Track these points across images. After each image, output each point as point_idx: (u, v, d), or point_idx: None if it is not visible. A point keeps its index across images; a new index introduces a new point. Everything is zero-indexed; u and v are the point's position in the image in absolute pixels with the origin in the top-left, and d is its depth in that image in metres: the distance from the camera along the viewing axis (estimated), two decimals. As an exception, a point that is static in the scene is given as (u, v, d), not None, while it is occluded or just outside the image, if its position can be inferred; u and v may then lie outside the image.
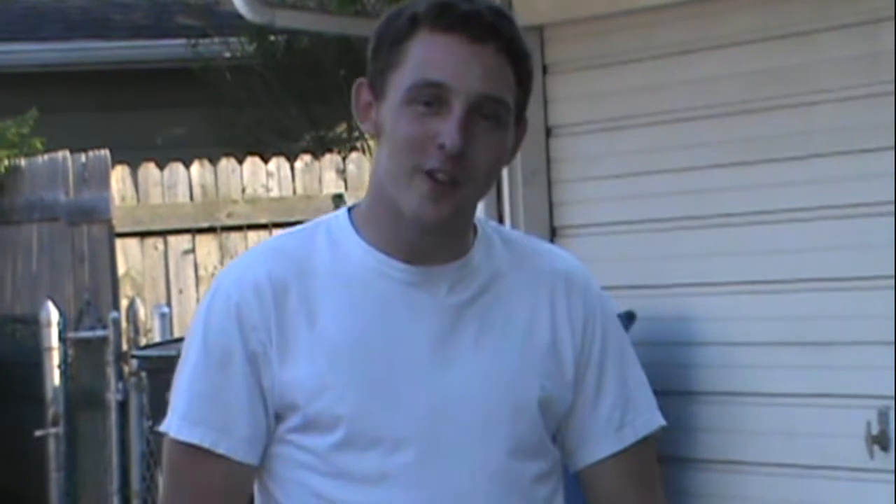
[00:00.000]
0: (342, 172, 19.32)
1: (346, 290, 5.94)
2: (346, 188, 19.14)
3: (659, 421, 6.08)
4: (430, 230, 5.84)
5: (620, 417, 6.05)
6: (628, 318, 14.80)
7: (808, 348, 14.87)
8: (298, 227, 6.18)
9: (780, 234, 15.09)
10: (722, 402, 15.51)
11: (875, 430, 13.77)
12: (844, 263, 14.44)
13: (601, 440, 6.01)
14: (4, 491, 19.37)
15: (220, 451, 5.80)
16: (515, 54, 5.86)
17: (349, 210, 6.02)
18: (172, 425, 5.80)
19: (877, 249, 14.08)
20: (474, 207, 6.03)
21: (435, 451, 5.93)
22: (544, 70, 16.82)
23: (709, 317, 15.66)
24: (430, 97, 5.74)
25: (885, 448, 13.77)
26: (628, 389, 6.08)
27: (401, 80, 5.75)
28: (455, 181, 5.78)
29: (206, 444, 5.79)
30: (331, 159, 19.68)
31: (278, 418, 5.86)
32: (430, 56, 5.82)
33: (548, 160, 17.05)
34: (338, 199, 18.82)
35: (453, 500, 6.01)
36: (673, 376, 15.30)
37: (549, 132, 17.07)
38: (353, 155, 20.34)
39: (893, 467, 13.93)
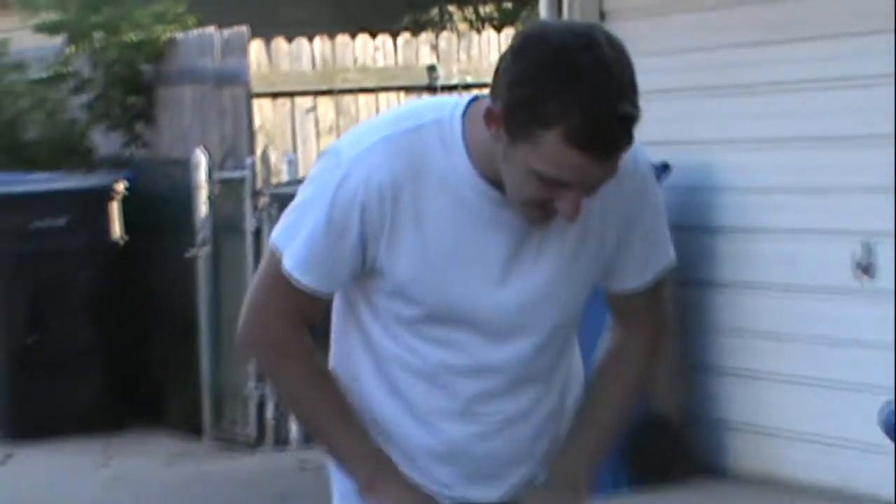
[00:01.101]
0: (434, 48, 19.26)
1: (449, 200, 5.90)
2: (437, 60, 19.07)
3: (671, 260, 6.20)
4: None
5: (645, 262, 6.11)
6: (663, 169, 14.92)
7: (808, 193, 14.83)
8: (418, 108, 6.21)
9: (791, 101, 15.04)
10: (735, 236, 15.52)
11: (859, 259, 13.78)
12: (842, 125, 14.44)
13: (629, 278, 6.10)
14: (162, 305, 19.33)
15: (318, 295, 5.95)
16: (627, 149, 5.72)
17: (465, 111, 5.89)
18: (291, 263, 5.92)
19: (867, 113, 14.07)
20: None
21: (496, 332, 5.97)
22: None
23: (728, 168, 15.67)
24: (553, 183, 5.63)
25: (867, 273, 13.82)
26: (654, 241, 6.13)
27: (532, 158, 5.61)
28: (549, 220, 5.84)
29: (311, 288, 5.91)
30: (425, 37, 19.62)
31: (372, 274, 5.94)
32: (565, 163, 5.59)
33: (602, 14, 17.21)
34: (431, 70, 18.92)
35: (514, 361, 5.99)
36: (697, 214, 15.37)
37: (602, 16, 17.07)
38: (444, 34, 20.25)
39: (874, 289, 14.03)
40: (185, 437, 18.59)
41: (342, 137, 6.24)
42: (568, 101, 5.48)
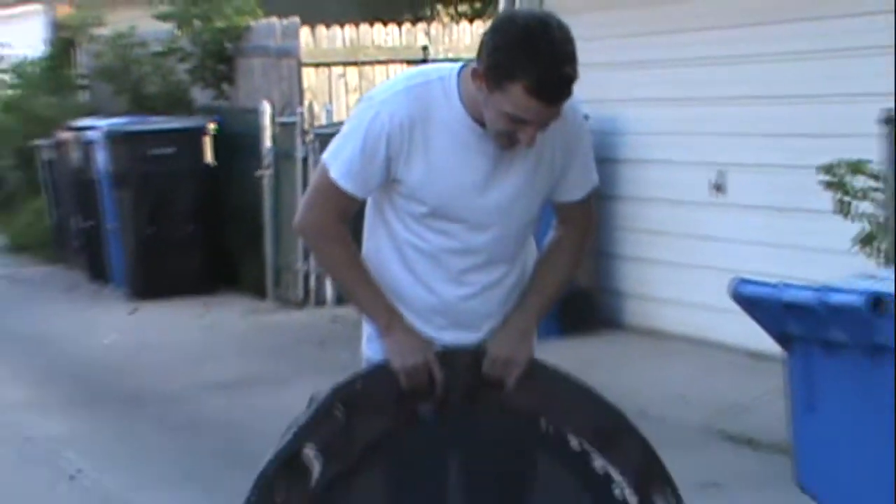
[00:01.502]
0: (427, 34, 19.21)
1: (448, 134, 5.88)
2: (429, 42, 19.04)
3: (596, 181, 6.15)
4: None
5: (581, 181, 6.08)
6: (585, 118, 14.72)
7: (683, 136, 14.78)
8: (426, 70, 6.16)
9: (673, 73, 14.95)
10: (633, 164, 15.45)
11: (715, 181, 13.78)
12: (707, 90, 14.43)
13: (570, 192, 6.05)
14: (239, 208, 19.32)
15: (355, 198, 5.93)
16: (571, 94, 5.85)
17: (459, 72, 5.94)
18: (337, 174, 5.92)
19: (728, 83, 13.99)
20: None
21: (479, 225, 5.93)
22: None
23: (629, 118, 15.56)
24: (518, 122, 5.68)
25: (720, 190, 13.86)
26: (586, 166, 6.09)
27: (504, 103, 5.70)
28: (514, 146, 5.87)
29: (350, 191, 5.89)
30: (421, 26, 19.40)
31: (394, 182, 5.91)
32: (525, 106, 5.66)
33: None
34: (424, 49, 18.91)
35: (490, 245, 5.96)
36: (607, 150, 15.17)
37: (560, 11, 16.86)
38: (434, 24, 20.14)
39: (725, 202, 14.01)
40: (254, 298, 18.64)
41: (374, 89, 6.26)
42: (528, 65, 5.62)
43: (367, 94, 6.20)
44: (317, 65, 18.82)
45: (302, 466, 5.57)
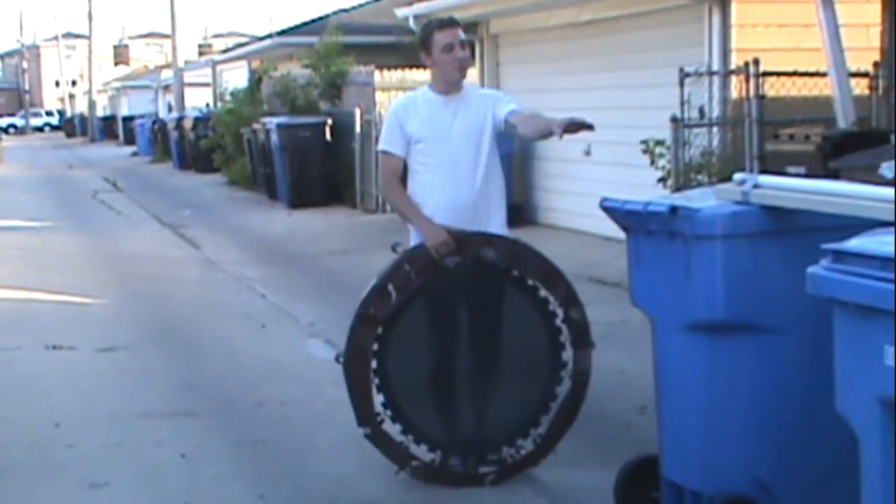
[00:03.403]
0: None
1: (427, 106, 5.57)
2: None
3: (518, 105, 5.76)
4: (454, 85, 5.62)
5: (508, 105, 5.64)
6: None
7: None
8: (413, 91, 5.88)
9: (575, 96, 14.62)
10: (544, 144, 15.13)
11: (585, 150, 13.51)
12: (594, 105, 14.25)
13: (504, 110, 5.60)
14: (343, 163, 19.15)
15: (396, 153, 5.60)
16: (460, 27, 5.62)
17: (428, 85, 5.67)
18: (383, 146, 5.65)
19: (611, 103, 13.62)
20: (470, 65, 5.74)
21: (450, 150, 5.56)
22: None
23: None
24: (450, 48, 5.49)
25: (588, 154, 13.65)
26: (508, 102, 5.67)
27: (438, 48, 5.50)
28: (465, 68, 5.62)
29: (392, 151, 5.60)
30: None
31: (411, 140, 5.56)
32: (444, 39, 5.50)
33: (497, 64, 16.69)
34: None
35: (460, 168, 5.60)
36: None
37: (498, 65, 16.68)
38: None
39: (591, 160, 13.86)
40: (350, 208, 18.49)
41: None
42: (432, 26, 5.56)
43: (391, 104, 5.99)
44: (383, 89, 18.56)
45: (386, 294, 5.42)
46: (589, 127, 5.49)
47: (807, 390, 4.07)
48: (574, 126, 5.40)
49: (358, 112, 18.36)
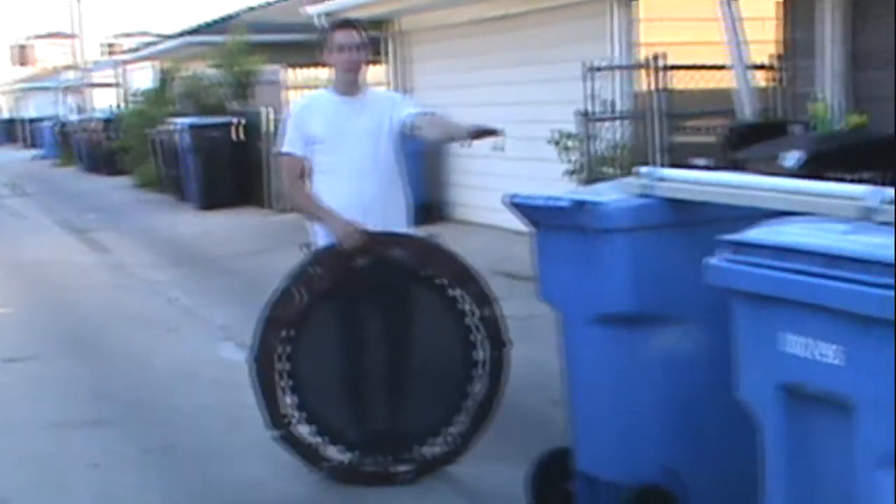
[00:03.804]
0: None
1: (329, 106, 5.62)
2: None
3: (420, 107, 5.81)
4: (351, 86, 5.66)
5: (411, 108, 5.69)
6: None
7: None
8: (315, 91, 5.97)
9: (487, 91, 14.53)
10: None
11: (494, 145, 13.57)
12: (505, 101, 14.11)
13: (410, 114, 5.62)
14: (253, 163, 18.90)
15: (297, 153, 5.62)
16: (360, 31, 5.68)
17: (328, 87, 5.76)
18: (284, 148, 5.67)
19: (517, 101, 13.55)
20: (363, 76, 5.74)
21: (353, 148, 5.59)
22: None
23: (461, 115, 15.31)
24: (343, 48, 5.56)
25: (501, 150, 13.68)
26: (409, 105, 5.76)
27: (333, 46, 5.57)
28: (357, 69, 5.64)
29: (294, 152, 5.62)
30: None
31: (313, 140, 5.57)
32: (339, 40, 5.57)
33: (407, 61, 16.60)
34: None
35: (361, 167, 5.62)
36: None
37: (408, 62, 16.63)
38: None
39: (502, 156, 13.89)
40: (261, 209, 18.26)
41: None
42: (330, 27, 5.66)
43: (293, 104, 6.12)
44: (293, 88, 18.50)
45: (292, 296, 5.42)
46: (496, 133, 5.54)
47: (714, 379, 4.11)
48: (482, 133, 5.56)
49: (267, 111, 18.23)
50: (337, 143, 5.63)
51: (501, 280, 10.32)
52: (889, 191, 3.26)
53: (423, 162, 14.43)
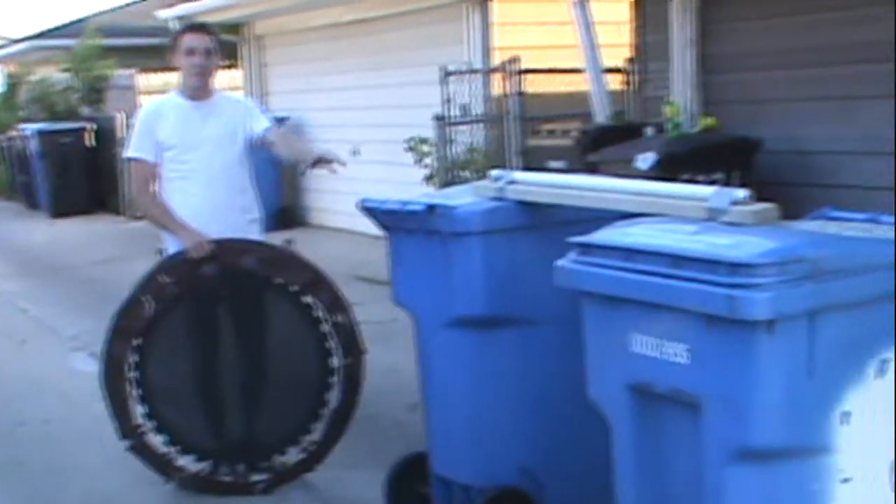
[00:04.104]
0: None
1: (177, 111, 5.56)
2: None
3: (271, 123, 5.77)
4: (200, 90, 5.60)
5: (261, 123, 5.65)
6: (285, 119, 14.52)
7: (336, 128, 14.38)
8: (163, 95, 5.85)
9: (338, 95, 14.61)
10: (318, 145, 15.12)
11: (351, 150, 13.43)
12: (354, 105, 14.17)
13: (260, 130, 5.59)
14: (107, 169, 18.54)
15: (146, 159, 5.56)
16: (211, 35, 5.63)
17: (177, 90, 5.68)
18: (133, 153, 5.60)
19: (371, 104, 13.62)
20: (213, 81, 5.65)
21: (203, 155, 5.53)
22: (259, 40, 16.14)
23: (315, 120, 15.23)
24: (192, 52, 5.49)
25: (356, 154, 13.53)
26: (259, 120, 5.67)
27: (181, 49, 5.51)
28: (206, 74, 5.57)
29: (143, 157, 5.55)
30: None
31: (162, 146, 5.52)
32: (187, 43, 5.51)
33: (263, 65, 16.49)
34: None
35: (211, 175, 5.59)
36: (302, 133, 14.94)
37: (264, 66, 16.55)
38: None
39: (359, 160, 13.87)
40: (115, 216, 17.96)
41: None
42: (181, 29, 5.59)
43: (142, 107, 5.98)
44: (147, 93, 18.18)
45: (140, 305, 5.35)
46: (332, 162, 5.61)
47: (568, 380, 4.13)
48: (323, 161, 5.59)
49: (121, 116, 17.86)
50: (186, 150, 5.58)
51: (360, 285, 10.35)
52: (735, 192, 3.30)
53: (280, 166, 14.34)
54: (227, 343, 5.48)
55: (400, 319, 4.83)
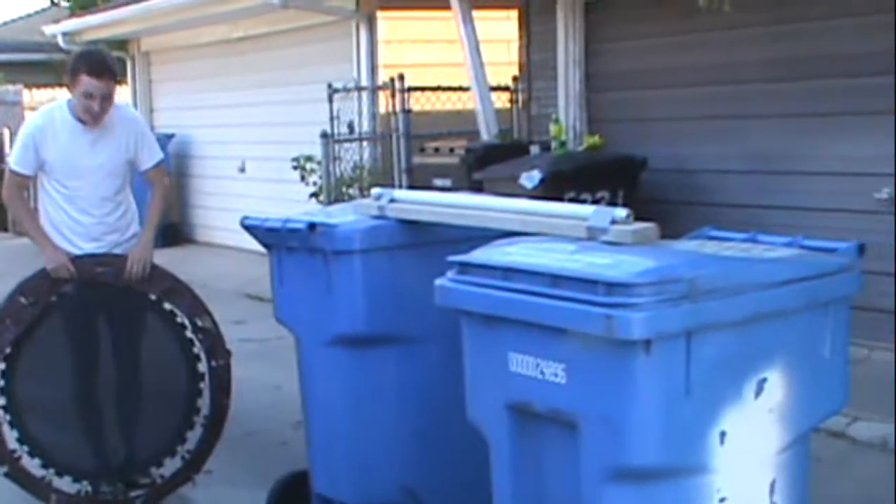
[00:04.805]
0: None
1: (66, 132, 5.42)
2: None
3: (162, 157, 5.73)
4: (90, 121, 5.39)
5: (149, 157, 5.65)
6: (172, 136, 14.37)
7: (224, 143, 14.34)
8: (57, 103, 5.60)
9: (233, 112, 14.47)
10: (202, 162, 14.85)
11: (239, 166, 13.36)
12: (276, 120, 14.06)
13: (145, 163, 5.61)
14: None
15: (27, 173, 5.44)
16: (112, 78, 5.40)
17: (69, 101, 5.48)
18: (14, 166, 5.46)
19: (292, 118, 13.52)
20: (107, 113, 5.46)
21: (87, 184, 5.50)
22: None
23: (199, 137, 15.10)
24: (89, 96, 5.27)
25: (242, 171, 13.50)
26: (151, 149, 5.66)
27: (80, 88, 5.31)
28: (98, 119, 5.37)
29: (24, 172, 5.43)
30: None
31: (44, 164, 5.43)
32: (87, 84, 5.29)
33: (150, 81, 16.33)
34: None
35: (92, 202, 5.54)
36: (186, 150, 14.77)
37: (150, 83, 16.39)
38: None
39: (246, 177, 13.72)
40: (2, 232, 17.66)
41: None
42: (83, 62, 5.27)
43: (28, 120, 5.82)
44: (33, 108, 17.74)
45: (2, 328, 5.23)
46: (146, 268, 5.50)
47: (448, 398, 4.00)
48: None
49: (6, 132, 17.49)
50: (71, 177, 5.52)
51: (247, 302, 10.24)
52: (615, 211, 3.28)
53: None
54: (96, 358, 5.43)
55: (286, 337, 4.78)
